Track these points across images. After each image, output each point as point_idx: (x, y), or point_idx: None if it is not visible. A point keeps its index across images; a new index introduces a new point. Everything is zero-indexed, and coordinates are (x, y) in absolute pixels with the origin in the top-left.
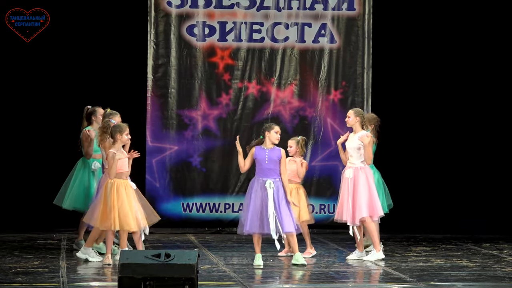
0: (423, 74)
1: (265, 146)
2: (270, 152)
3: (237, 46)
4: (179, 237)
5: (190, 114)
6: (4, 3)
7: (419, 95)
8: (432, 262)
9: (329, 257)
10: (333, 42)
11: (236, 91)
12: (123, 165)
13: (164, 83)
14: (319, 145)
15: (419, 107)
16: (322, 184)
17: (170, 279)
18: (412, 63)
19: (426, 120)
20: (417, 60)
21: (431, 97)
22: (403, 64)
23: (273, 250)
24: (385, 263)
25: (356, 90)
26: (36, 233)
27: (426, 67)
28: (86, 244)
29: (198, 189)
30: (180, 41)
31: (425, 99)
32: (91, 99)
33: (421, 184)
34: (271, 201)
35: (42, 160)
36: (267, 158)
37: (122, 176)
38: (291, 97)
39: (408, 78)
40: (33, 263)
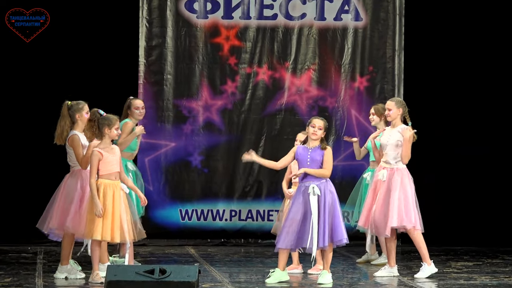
0: (465, 57)
1: (308, 145)
2: (313, 152)
3: (244, 25)
4: (176, 249)
5: (190, 105)
6: (4, 3)
7: (461, 82)
8: (476, 279)
9: (354, 274)
10: (359, 20)
11: (244, 77)
12: (111, 165)
13: (159, 68)
14: (342, 141)
15: (460, 97)
16: (345, 187)
17: None
18: (452, 44)
19: (469, 114)
20: (458, 41)
21: (475, 84)
22: (441, 45)
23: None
24: (421, 281)
25: (385, 77)
26: (7, 245)
27: (468, 49)
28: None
29: (199, 193)
30: (177, 19)
31: (468, 87)
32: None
33: (462, 190)
34: (315, 210)
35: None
36: (309, 158)
37: (111, 177)
38: (308, 84)
39: (448, 62)
40: (3, 281)
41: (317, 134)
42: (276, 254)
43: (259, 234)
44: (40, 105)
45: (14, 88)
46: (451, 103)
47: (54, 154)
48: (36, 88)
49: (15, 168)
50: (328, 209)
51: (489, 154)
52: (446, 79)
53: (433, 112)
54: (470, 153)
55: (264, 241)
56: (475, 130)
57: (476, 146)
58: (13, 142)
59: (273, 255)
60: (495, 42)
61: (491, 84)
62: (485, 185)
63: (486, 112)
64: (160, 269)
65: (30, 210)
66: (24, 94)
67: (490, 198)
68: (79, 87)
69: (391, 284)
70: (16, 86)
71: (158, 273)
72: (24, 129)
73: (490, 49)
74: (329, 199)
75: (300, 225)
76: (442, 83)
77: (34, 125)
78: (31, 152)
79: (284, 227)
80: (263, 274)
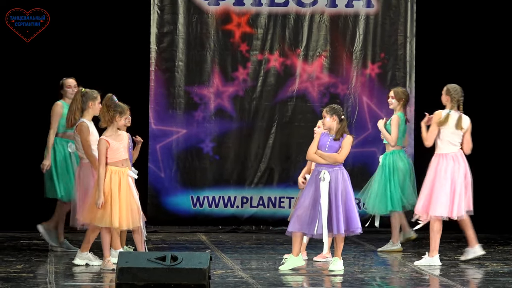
0: (478, 43)
1: (332, 132)
2: (333, 140)
3: (256, 11)
4: (187, 236)
5: (201, 92)
6: (4, 3)
7: (472, 69)
8: (487, 266)
9: (365, 261)
10: (370, 6)
11: (255, 64)
12: (118, 152)
13: (170, 55)
14: (353, 128)
15: (472, 83)
16: (357, 174)
17: (177, 286)
18: (464, 31)
19: (481, 101)
20: (470, 28)
21: (487, 71)
22: (453, 32)
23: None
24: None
25: (397, 63)
26: (19, 232)
27: (481, 35)
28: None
29: (211, 180)
30: (189, 5)
31: (480, 74)
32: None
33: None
34: (325, 196)
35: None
36: (328, 145)
37: (118, 164)
38: (320, 71)
39: (460, 49)
40: (15, 267)
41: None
42: (287, 241)
43: (270, 221)
44: (40, 105)
45: (14, 88)
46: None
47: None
48: (36, 88)
49: (20, 161)
50: (341, 196)
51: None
52: (458, 66)
53: None
54: (477, 139)
55: (275, 228)
56: (487, 117)
57: (483, 132)
58: (13, 142)
59: (285, 241)
60: (508, 28)
61: (504, 71)
62: (495, 171)
63: (498, 99)
64: (172, 256)
65: (41, 197)
66: (24, 94)
67: (501, 185)
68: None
69: (401, 271)
70: (16, 86)
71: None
72: (24, 129)
73: (503, 35)
74: (341, 186)
75: (310, 210)
76: (453, 70)
77: (34, 125)
78: (32, 152)
79: (295, 211)
80: (274, 261)
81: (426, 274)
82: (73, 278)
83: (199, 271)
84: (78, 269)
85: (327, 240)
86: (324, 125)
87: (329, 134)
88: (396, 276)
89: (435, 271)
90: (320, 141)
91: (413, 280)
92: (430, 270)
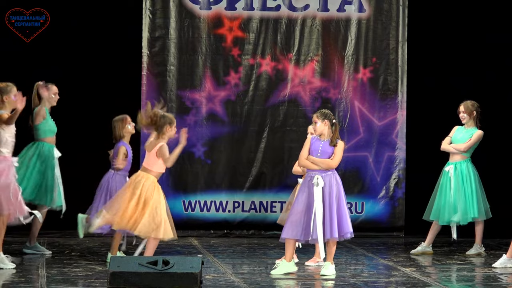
0: (469, 48)
1: (322, 138)
2: (325, 144)
3: (248, 16)
4: (179, 241)
5: (193, 96)
6: (4, 3)
7: (464, 73)
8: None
9: (357, 265)
10: (362, 11)
11: (247, 68)
12: (162, 164)
13: (162, 60)
14: (345, 132)
15: (463, 88)
16: (348, 178)
17: None
18: (456, 35)
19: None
20: (462, 33)
21: (478, 75)
22: (444, 37)
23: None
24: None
25: (388, 68)
26: (10, 236)
27: (472, 40)
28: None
29: (202, 184)
30: (181, 10)
31: (471, 79)
32: (92, 97)
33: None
34: (319, 201)
35: None
36: (320, 150)
37: (158, 176)
38: (312, 76)
39: (451, 54)
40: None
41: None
42: (279, 246)
43: (262, 226)
44: None
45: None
46: (454, 95)
47: None
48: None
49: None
50: (335, 200)
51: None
52: (450, 71)
53: (436, 104)
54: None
55: (267, 233)
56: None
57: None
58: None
59: (276, 246)
60: (499, 32)
61: (495, 75)
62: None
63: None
64: (163, 260)
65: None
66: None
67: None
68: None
69: (391, 274)
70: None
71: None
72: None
73: (495, 39)
74: (335, 190)
75: (304, 216)
76: (445, 75)
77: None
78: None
79: (289, 217)
80: (266, 266)
81: (420, 278)
82: (65, 283)
83: (190, 275)
84: (67, 274)
85: (323, 246)
86: (315, 131)
87: (320, 139)
88: (388, 281)
89: (431, 274)
90: (312, 146)
91: (405, 284)
92: (443, 272)
